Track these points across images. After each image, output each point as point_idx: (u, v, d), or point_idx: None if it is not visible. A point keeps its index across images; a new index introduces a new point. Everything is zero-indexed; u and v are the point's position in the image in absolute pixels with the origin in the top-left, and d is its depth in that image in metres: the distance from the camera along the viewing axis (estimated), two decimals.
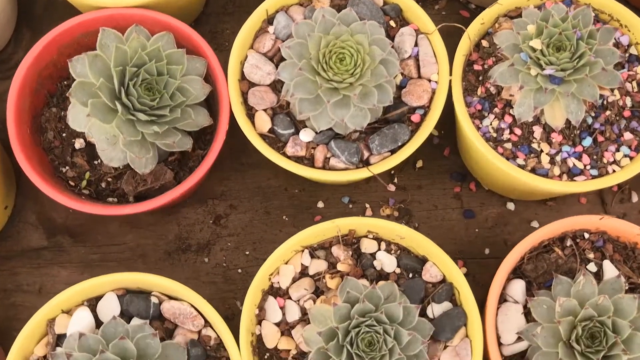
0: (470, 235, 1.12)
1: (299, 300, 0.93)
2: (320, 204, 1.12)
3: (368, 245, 0.94)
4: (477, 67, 0.99)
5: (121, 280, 0.91)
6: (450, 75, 0.97)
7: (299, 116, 0.95)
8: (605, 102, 0.96)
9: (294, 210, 1.13)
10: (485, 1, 1.12)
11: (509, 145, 0.97)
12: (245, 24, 0.99)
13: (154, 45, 0.93)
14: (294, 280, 0.93)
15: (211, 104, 1.01)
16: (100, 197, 0.99)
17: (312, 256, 0.94)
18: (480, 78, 0.99)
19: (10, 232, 1.12)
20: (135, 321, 0.90)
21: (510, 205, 1.12)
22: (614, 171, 0.95)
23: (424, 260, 0.94)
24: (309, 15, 0.98)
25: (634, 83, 0.97)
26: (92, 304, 0.92)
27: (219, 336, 0.92)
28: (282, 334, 0.92)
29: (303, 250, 0.94)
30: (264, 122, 0.97)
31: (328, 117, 0.94)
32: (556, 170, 0.95)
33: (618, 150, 0.96)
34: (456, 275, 0.91)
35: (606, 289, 0.88)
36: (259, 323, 0.93)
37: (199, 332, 0.92)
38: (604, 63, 0.90)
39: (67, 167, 1.00)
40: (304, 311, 0.92)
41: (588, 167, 0.95)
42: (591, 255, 0.94)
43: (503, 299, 0.94)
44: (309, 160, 0.96)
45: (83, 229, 1.12)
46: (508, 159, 0.96)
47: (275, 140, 0.97)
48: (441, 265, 0.93)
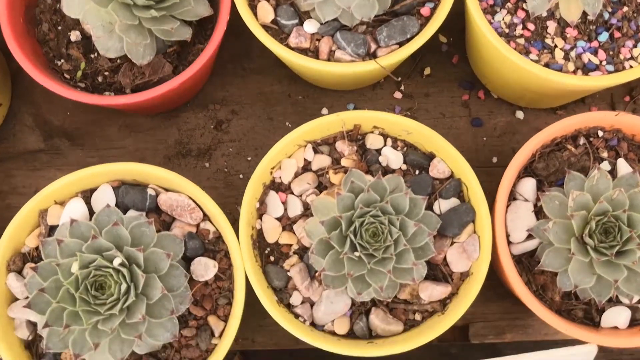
0: (478, 144, 1.08)
1: (301, 195, 0.89)
2: (324, 111, 1.09)
3: (373, 141, 0.90)
4: None
5: (116, 171, 0.88)
6: None
7: (303, 5, 0.91)
8: None
9: (297, 117, 1.09)
10: None
11: (521, 40, 0.92)
12: None
13: None
14: (296, 175, 0.90)
15: None
16: (97, 91, 0.95)
17: (316, 151, 0.91)
18: None
19: (6, 134, 1.09)
20: (131, 213, 0.87)
21: (520, 114, 1.08)
22: (631, 67, 0.91)
23: (431, 157, 0.90)
24: None
25: None
26: (87, 195, 0.89)
27: (217, 230, 0.89)
28: (284, 229, 0.89)
29: (306, 145, 0.90)
30: (266, 12, 0.93)
31: (334, 6, 0.89)
32: (570, 66, 0.91)
33: (635, 46, 0.91)
34: (465, 170, 0.88)
35: (621, 184, 0.84)
36: (260, 217, 0.89)
37: (197, 226, 0.89)
38: None
39: (62, 60, 0.96)
40: (306, 206, 0.89)
41: (604, 63, 0.91)
42: (605, 154, 0.90)
43: (513, 198, 0.90)
44: (313, 53, 0.92)
45: (81, 132, 1.09)
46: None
47: (278, 32, 0.93)
48: (449, 161, 0.89)
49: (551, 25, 0.92)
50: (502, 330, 1.06)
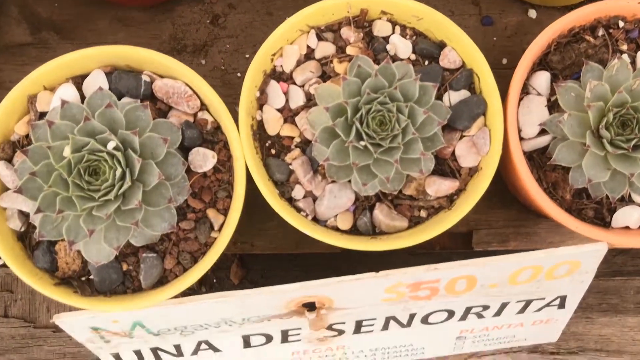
0: (488, 43, 1.03)
1: (303, 85, 0.85)
2: None
3: (381, 28, 0.86)
4: None
5: (109, 54, 0.83)
6: None
7: None
8: None
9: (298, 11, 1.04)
10: None
11: None
12: None
13: None
14: (299, 64, 0.85)
15: None
16: None
17: (319, 38, 0.86)
18: None
19: None
20: (125, 100, 0.82)
21: (532, 13, 1.04)
22: None
23: (441, 46, 0.86)
24: None
25: None
26: (78, 82, 0.84)
27: (216, 120, 0.84)
28: (285, 120, 0.85)
29: (309, 31, 0.86)
30: None
31: None
32: None
33: None
34: (478, 59, 0.83)
35: None
36: (260, 108, 0.85)
37: (195, 115, 0.85)
38: None
39: None
40: (309, 97, 0.85)
41: None
42: (624, 47, 0.86)
43: (525, 92, 0.86)
44: None
45: (70, 25, 1.04)
46: None
47: None
48: (461, 50, 0.85)
49: None
50: (507, 237, 1.04)
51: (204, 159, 0.82)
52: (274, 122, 0.84)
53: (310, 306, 0.88)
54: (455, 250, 1.09)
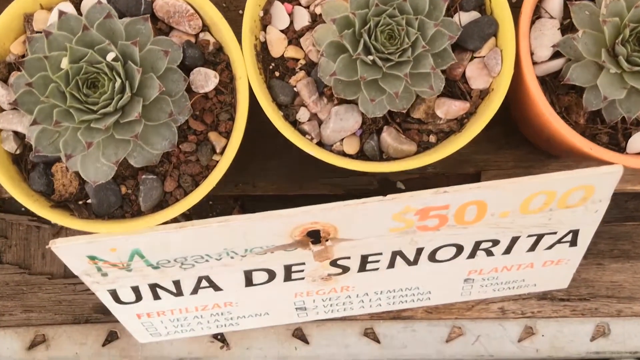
0: None
1: (308, 6, 0.83)
2: None
3: None
4: None
5: None
6: None
7: None
8: None
9: None
10: None
11: None
12: None
13: None
14: None
15: None
16: None
17: None
18: None
19: None
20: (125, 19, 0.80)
21: None
22: None
23: None
24: None
25: None
26: (76, 2, 0.82)
27: (218, 41, 0.82)
28: (290, 42, 0.82)
29: None
30: None
31: None
32: None
33: None
34: None
35: None
36: (264, 29, 0.83)
37: (196, 36, 0.82)
38: None
39: None
40: (314, 17, 0.82)
41: None
42: None
43: (537, 16, 0.84)
44: None
45: None
46: None
47: None
48: None
49: None
50: None
51: (205, 79, 0.79)
52: (278, 44, 0.82)
53: (315, 237, 0.85)
54: None
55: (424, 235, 0.87)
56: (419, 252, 0.91)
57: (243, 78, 0.78)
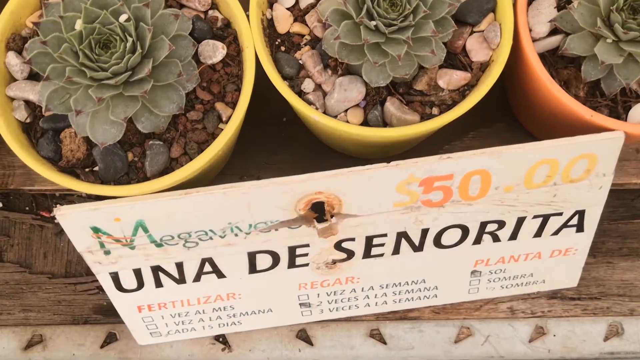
0: None
1: None
2: None
3: None
4: None
5: None
6: None
7: None
8: None
9: None
10: None
11: None
12: None
13: None
14: None
15: None
16: None
17: None
18: None
19: None
20: None
21: None
22: None
23: None
24: None
25: None
26: None
27: (226, 18, 0.85)
28: (295, 19, 0.85)
29: None
30: None
31: None
32: None
33: None
34: None
35: None
36: (270, 7, 0.86)
37: (205, 13, 0.85)
38: None
39: None
40: None
41: None
42: None
43: None
44: None
45: None
46: None
47: None
48: None
49: None
50: None
51: (213, 50, 0.82)
52: (284, 20, 0.85)
53: (320, 211, 0.86)
54: None
55: (428, 213, 0.87)
56: (424, 235, 0.91)
57: (250, 48, 0.81)
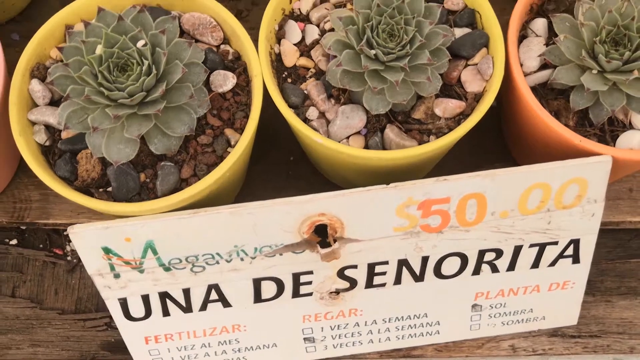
0: None
1: (319, 23, 0.92)
2: None
3: None
4: None
5: None
6: None
7: None
8: None
9: None
10: None
11: None
12: None
13: None
14: (315, 5, 0.93)
15: None
16: None
17: None
18: None
19: None
20: None
21: None
22: None
23: None
24: None
25: None
26: None
27: (237, 51, 0.91)
28: (301, 54, 0.91)
29: None
30: None
31: None
32: None
33: None
34: (479, 1, 0.91)
35: (630, 3, 0.87)
36: (278, 42, 0.92)
37: (218, 47, 0.91)
38: None
39: None
40: (324, 32, 0.92)
41: None
42: None
43: (525, 37, 0.93)
44: None
45: None
46: None
47: None
48: None
49: None
50: None
51: (224, 79, 0.88)
52: (290, 54, 0.91)
53: (323, 235, 0.89)
54: None
55: (427, 239, 0.90)
56: (425, 263, 0.93)
57: (258, 77, 0.86)
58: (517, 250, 0.93)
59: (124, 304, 0.93)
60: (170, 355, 1.01)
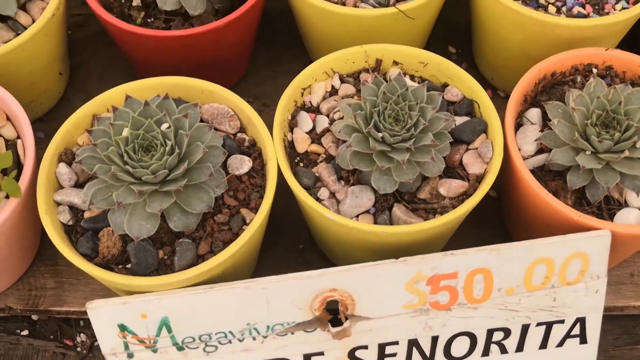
0: None
1: (329, 114, 0.99)
2: None
3: (394, 73, 1.02)
4: None
5: (166, 84, 0.98)
6: None
7: None
8: None
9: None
10: None
11: (518, 3, 1.07)
12: None
13: None
14: (324, 98, 1.00)
15: None
16: None
17: (342, 81, 1.02)
18: None
19: (57, 115, 1.20)
20: None
21: None
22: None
23: (445, 87, 1.01)
24: None
25: None
26: None
27: (252, 138, 0.97)
28: (313, 141, 0.97)
29: (333, 75, 1.02)
30: None
31: None
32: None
33: (617, 2, 1.07)
34: (477, 91, 0.98)
35: (616, 90, 0.94)
36: (291, 130, 0.98)
37: (235, 135, 0.97)
38: None
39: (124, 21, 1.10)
40: (333, 121, 0.98)
41: (591, 15, 1.06)
42: None
43: (520, 125, 0.99)
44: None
45: None
46: None
47: None
48: (461, 86, 1.00)
49: None
50: None
51: (240, 163, 0.93)
52: (302, 142, 0.97)
53: (334, 313, 0.91)
54: None
55: (437, 317, 0.92)
56: (435, 344, 0.95)
57: (273, 160, 0.92)
58: (525, 329, 0.95)
59: None
60: None
